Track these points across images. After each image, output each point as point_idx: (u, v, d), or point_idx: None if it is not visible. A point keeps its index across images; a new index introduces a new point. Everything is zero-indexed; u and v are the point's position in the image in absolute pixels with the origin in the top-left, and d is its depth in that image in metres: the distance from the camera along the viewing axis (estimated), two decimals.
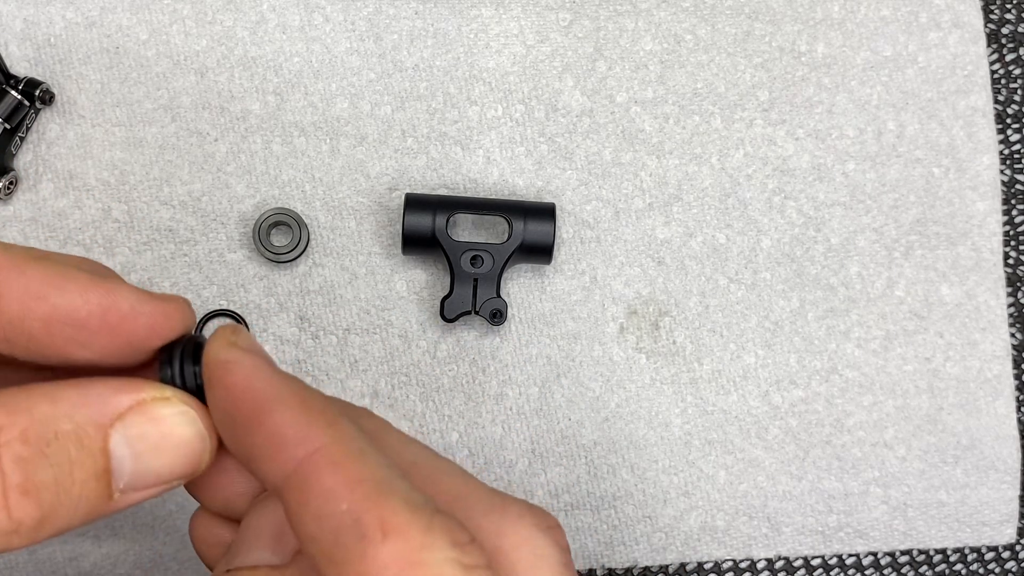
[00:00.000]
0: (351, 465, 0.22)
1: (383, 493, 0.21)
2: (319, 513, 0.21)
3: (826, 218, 0.45)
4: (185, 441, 0.23)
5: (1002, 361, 0.46)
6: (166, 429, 0.23)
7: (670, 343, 0.44)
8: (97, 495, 0.22)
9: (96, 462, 0.22)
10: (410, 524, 0.21)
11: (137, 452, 0.22)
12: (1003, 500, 0.45)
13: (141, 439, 0.23)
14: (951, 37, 0.47)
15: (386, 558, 0.20)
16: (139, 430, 0.22)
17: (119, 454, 0.22)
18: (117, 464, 0.22)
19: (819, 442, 0.44)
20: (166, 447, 0.23)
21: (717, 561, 0.44)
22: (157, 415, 0.23)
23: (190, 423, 0.23)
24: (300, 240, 0.41)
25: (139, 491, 0.23)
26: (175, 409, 0.23)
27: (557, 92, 0.44)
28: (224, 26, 0.43)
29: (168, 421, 0.23)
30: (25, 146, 0.42)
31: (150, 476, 0.23)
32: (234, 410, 0.23)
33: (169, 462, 0.23)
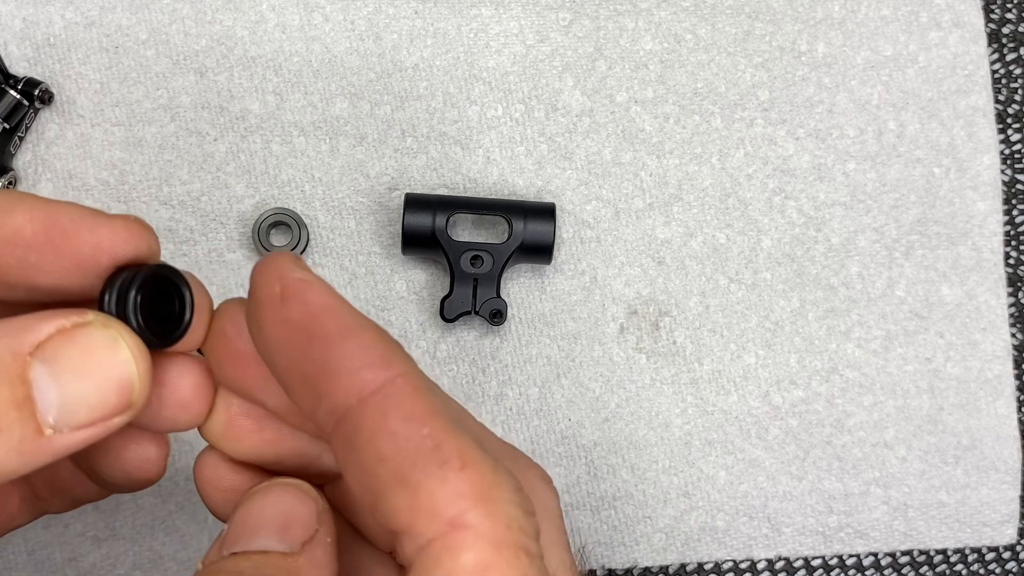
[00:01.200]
0: (431, 396, 0.22)
1: (459, 427, 0.22)
2: (399, 433, 0.21)
3: (826, 218, 0.45)
4: (109, 364, 0.22)
5: (1003, 361, 0.46)
6: (88, 352, 0.22)
7: (670, 343, 0.44)
8: (22, 427, 0.21)
9: (15, 389, 0.21)
10: (483, 461, 0.21)
11: (59, 379, 0.21)
12: (1004, 500, 0.45)
13: (63, 365, 0.22)
14: (952, 37, 0.47)
15: (463, 486, 0.21)
16: (61, 356, 0.22)
17: (41, 382, 0.21)
18: (40, 393, 0.21)
19: (819, 442, 0.44)
20: (89, 372, 0.22)
21: (717, 562, 0.44)
22: (79, 340, 0.22)
23: (111, 342, 0.22)
24: (300, 240, 0.41)
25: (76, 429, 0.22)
26: (98, 333, 0.22)
27: (557, 92, 0.44)
28: (223, 26, 0.43)
29: (90, 344, 0.22)
30: (24, 146, 0.41)
31: (80, 407, 0.22)
32: (314, 326, 0.22)
33: (95, 388, 0.22)
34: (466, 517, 0.21)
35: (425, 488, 0.21)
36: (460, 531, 0.21)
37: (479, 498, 0.21)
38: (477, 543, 0.21)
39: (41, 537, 0.40)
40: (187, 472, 0.41)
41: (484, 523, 0.21)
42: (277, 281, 0.23)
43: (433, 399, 0.22)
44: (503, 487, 0.21)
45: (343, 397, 0.22)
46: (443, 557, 0.20)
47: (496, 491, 0.21)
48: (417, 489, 0.21)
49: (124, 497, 0.41)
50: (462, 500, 0.21)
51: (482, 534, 0.21)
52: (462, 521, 0.21)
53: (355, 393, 0.22)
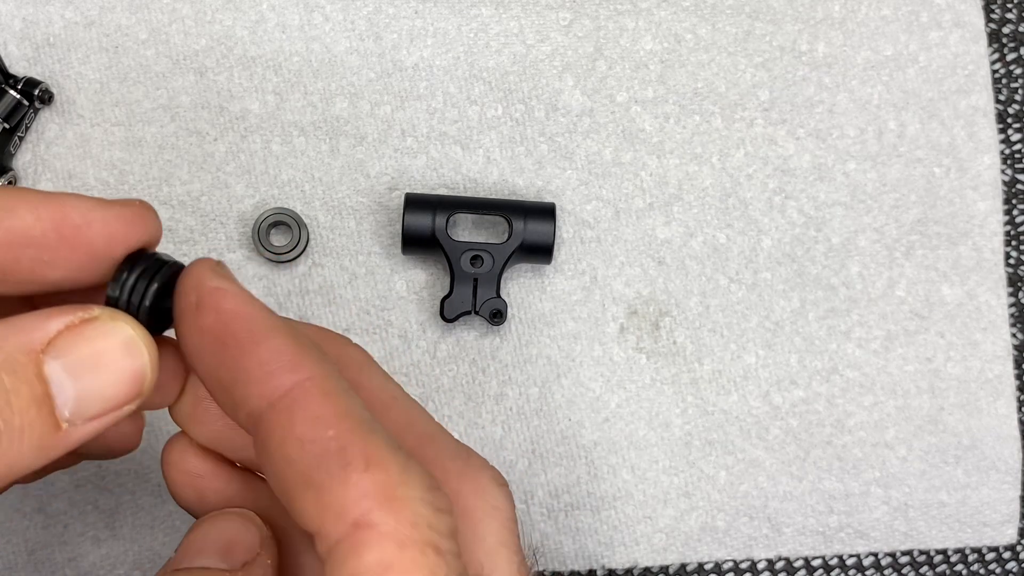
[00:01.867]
0: (340, 398, 0.22)
1: (368, 429, 0.22)
2: (305, 437, 0.21)
3: (827, 218, 0.45)
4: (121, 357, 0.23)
5: (1003, 361, 0.46)
6: (100, 347, 0.22)
7: (670, 343, 0.44)
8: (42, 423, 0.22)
9: (33, 388, 0.21)
10: (391, 461, 0.22)
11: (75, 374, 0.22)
12: (1004, 500, 0.45)
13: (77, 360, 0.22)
14: (952, 36, 0.47)
15: (367, 487, 0.21)
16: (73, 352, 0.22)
17: (57, 378, 0.22)
18: (57, 389, 0.22)
19: (820, 442, 0.44)
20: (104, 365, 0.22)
21: (718, 562, 0.44)
22: (89, 335, 0.22)
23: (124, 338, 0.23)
24: (300, 240, 0.41)
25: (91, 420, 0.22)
26: (107, 327, 0.23)
27: (557, 92, 0.44)
28: (223, 25, 0.43)
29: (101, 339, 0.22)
30: (24, 146, 0.41)
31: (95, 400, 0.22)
32: (226, 334, 0.22)
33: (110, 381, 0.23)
34: (370, 517, 0.21)
35: (330, 490, 0.21)
36: (364, 531, 0.21)
37: (383, 498, 0.21)
38: (380, 542, 0.21)
39: (41, 537, 0.40)
40: None
41: (388, 522, 0.21)
42: (193, 290, 0.23)
43: (343, 401, 0.22)
44: (410, 485, 0.21)
45: (255, 403, 0.22)
46: (348, 557, 0.21)
47: (402, 490, 0.21)
48: (322, 491, 0.21)
49: (124, 497, 0.41)
50: (365, 500, 0.21)
51: (386, 533, 0.21)
52: (366, 521, 0.21)
53: (265, 398, 0.22)
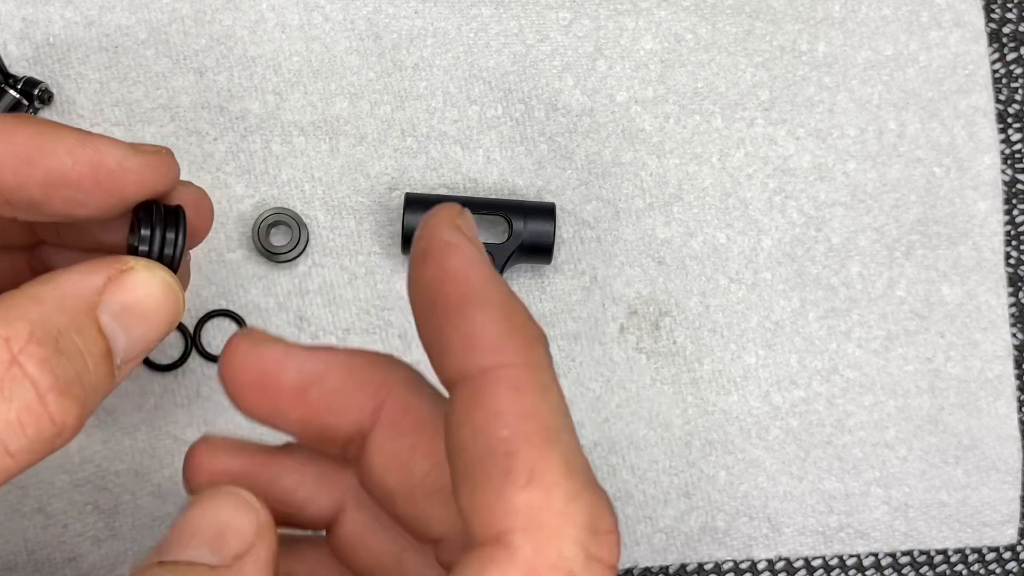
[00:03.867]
0: (531, 396, 0.20)
1: (549, 439, 0.20)
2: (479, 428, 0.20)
3: (827, 218, 0.45)
4: (163, 303, 0.24)
5: (1003, 361, 0.46)
6: (142, 294, 0.24)
7: (670, 343, 0.44)
8: (107, 375, 0.23)
9: (100, 345, 0.23)
10: (558, 483, 0.20)
11: (125, 324, 0.23)
12: (1004, 500, 0.45)
13: (125, 312, 0.24)
14: (952, 36, 0.47)
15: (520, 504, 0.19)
16: (119, 304, 0.23)
17: (111, 330, 0.23)
18: (112, 341, 0.23)
19: (820, 442, 0.44)
20: (147, 311, 0.24)
21: (718, 562, 0.44)
22: (130, 285, 0.24)
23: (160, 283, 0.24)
24: (299, 240, 0.41)
25: (131, 361, 0.24)
26: (143, 275, 0.24)
27: (557, 92, 0.44)
28: (223, 25, 0.43)
29: (141, 288, 0.24)
30: None
31: (140, 343, 0.24)
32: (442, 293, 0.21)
33: (154, 325, 0.24)
34: (511, 537, 0.19)
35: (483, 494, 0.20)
36: (500, 549, 0.19)
37: (532, 523, 0.19)
38: (509, 568, 0.19)
39: (41, 537, 0.40)
40: None
41: (526, 550, 0.19)
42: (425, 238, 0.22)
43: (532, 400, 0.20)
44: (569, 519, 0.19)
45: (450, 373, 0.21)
46: (474, 568, 0.19)
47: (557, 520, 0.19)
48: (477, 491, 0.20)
49: (124, 497, 0.41)
50: (513, 519, 0.19)
51: (518, 561, 0.19)
52: (507, 540, 0.19)
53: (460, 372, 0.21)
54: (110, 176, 0.24)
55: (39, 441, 0.21)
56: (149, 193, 0.25)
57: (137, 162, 0.25)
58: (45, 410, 0.21)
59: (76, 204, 0.24)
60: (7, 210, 0.25)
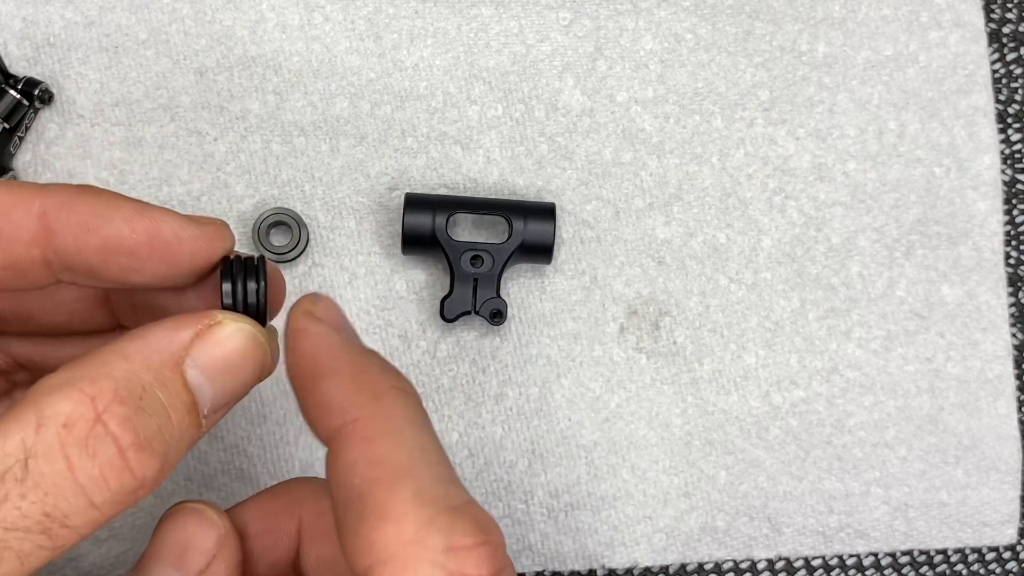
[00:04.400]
0: (379, 443, 0.23)
1: (398, 478, 0.22)
2: (339, 481, 0.23)
3: (827, 218, 0.45)
4: (249, 354, 0.25)
5: (1003, 361, 0.46)
6: (228, 348, 0.24)
7: (670, 343, 0.44)
8: (193, 427, 0.24)
9: (184, 399, 0.23)
10: (407, 515, 0.22)
11: (211, 377, 0.24)
12: (1004, 500, 0.45)
13: (211, 365, 0.24)
14: (952, 36, 0.47)
15: (376, 541, 0.21)
16: (206, 358, 0.24)
17: (197, 384, 0.24)
18: (199, 394, 0.24)
19: (820, 442, 0.44)
20: (234, 364, 0.25)
21: (718, 562, 0.44)
22: (217, 339, 0.24)
23: (247, 336, 0.25)
24: (300, 240, 0.41)
25: (219, 411, 0.25)
26: (230, 328, 0.25)
27: (557, 92, 0.44)
28: (223, 25, 0.43)
29: (228, 341, 0.25)
30: (24, 146, 0.41)
31: (227, 394, 0.25)
32: (298, 375, 0.25)
33: (240, 376, 0.25)
34: (373, 572, 0.21)
35: (348, 536, 0.22)
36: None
37: (388, 555, 0.21)
38: None
39: None
40: (187, 472, 0.41)
41: None
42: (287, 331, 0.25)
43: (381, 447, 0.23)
44: (422, 545, 0.21)
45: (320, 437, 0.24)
46: None
47: (411, 549, 0.21)
48: (343, 536, 0.22)
49: None
50: (371, 555, 0.21)
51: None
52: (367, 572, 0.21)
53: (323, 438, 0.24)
54: (165, 245, 0.25)
55: (122, 494, 0.22)
56: (204, 263, 0.26)
57: (192, 232, 0.26)
58: (126, 465, 0.22)
59: (132, 271, 0.25)
60: (67, 275, 0.26)
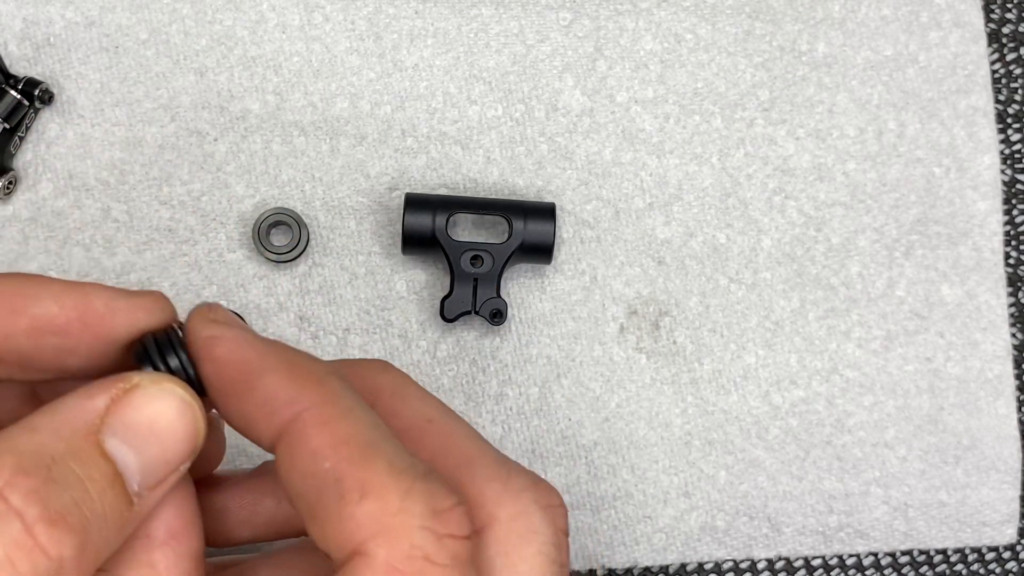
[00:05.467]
0: (338, 425, 0.22)
1: (367, 454, 0.22)
2: (304, 471, 0.22)
3: (827, 218, 0.45)
4: (175, 418, 0.22)
5: (1003, 361, 0.46)
6: (152, 412, 0.22)
7: (670, 343, 0.44)
8: (119, 503, 0.21)
9: (103, 470, 0.21)
10: (388, 487, 0.21)
11: (135, 446, 0.22)
12: (1004, 500, 0.45)
13: (133, 431, 0.22)
14: (952, 36, 0.47)
15: (361, 518, 0.21)
16: (126, 423, 0.22)
17: (119, 454, 0.21)
18: (123, 465, 0.21)
19: (820, 442, 0.44)
20: (160, 430, 0.22)
21: (717, 561, 0.44)
22: (138, 403, 0.22)
23: (170, 397, 0.22)
24: (300, 240, 0.41)
25: (156, 487, 0.22)
26: (152, 390, 0.22)
27: (557, 92, 0.44)
28: (224, 25, 0.43)
29: (150, 405, 0.22)
30: (24, 146, 0.42)
31: (158, 465, 0.22)
32: (225, 381, 0.23)
33: (170, 444, 0.22)
34: (366, 547, 0.21)
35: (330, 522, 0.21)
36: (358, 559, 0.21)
37: (378, 528, 0.21)
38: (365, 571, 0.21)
39: None
40: None
41: (381, 552, 0.21)
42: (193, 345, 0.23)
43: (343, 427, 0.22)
44: (409, 513, 0.21)
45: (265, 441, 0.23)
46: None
47: (400, 518, 0.21)
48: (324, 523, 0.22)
49: None
50: (360, 531, 0.21)
51: (377, 564, 0.21)
52: (363, 550, 0.21)
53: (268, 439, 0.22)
54: (98, 318, 0.23)
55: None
56: (139, 333, 0.24)
57: (127, 303, 0.24)
58: (35, 543, 0.19)
59: (66, 352, 0.23)
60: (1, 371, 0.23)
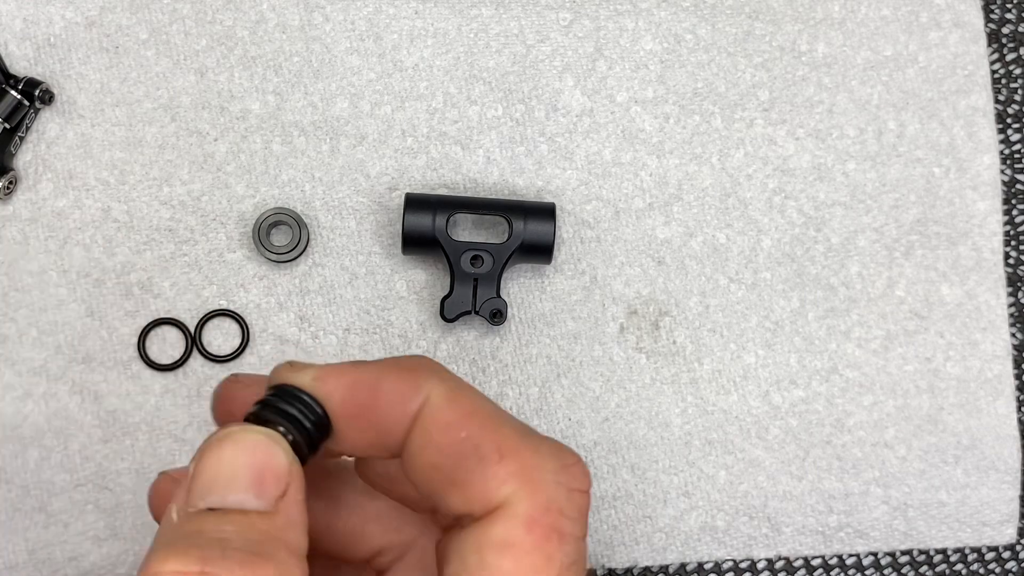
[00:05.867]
0: (463, 400, 0.24)
1: (496, 422, 0.24)
2: (441, 445, 0.24)
3: (826, 218, 0.45)
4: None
5: (1002, 361, 0.46)
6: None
7: (670, 343, 0.44)
8: None
9: None
10: (521, 447, 0.24)
11: None
12: (1003, 500, 0.45)
13: None
14: (952, 37, 0.47)
15: (505, 475, 0.23)
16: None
17: None
18: None
19: (819, 442, 0.44)
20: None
21: (717, 561, 0.44)
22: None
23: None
24: (300, 240, 0.41)
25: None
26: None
27: (557, 92, 0.44)
28: (224, 26, 0.43)
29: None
30: (25, 146, 0.42)
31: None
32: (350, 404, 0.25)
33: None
34: (508, 500, 0.23)
35: (472, 484, 0.24)
36: (500, 511, 0.23)
37: (521, 480, 0.23)
38: (509, 520, 0.23)
39: (41, 537, 0.40)
40: None
41: (522, 502, 0.23)
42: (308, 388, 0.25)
43: (468, 403, 0.24)
44: (543, 468, 0.24)
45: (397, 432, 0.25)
46: (478, 529, 0.23)
47: (536, 473, 0.24)
48: (466, 486, 0.24)
49: (124, 497, 0.41)
50: (504, 486, 0.23)
51: (516, 513, 0.23)
52: (504, 500, 0.23)
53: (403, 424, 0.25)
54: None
55: None
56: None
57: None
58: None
59: None
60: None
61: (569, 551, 0.24)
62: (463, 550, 0.24)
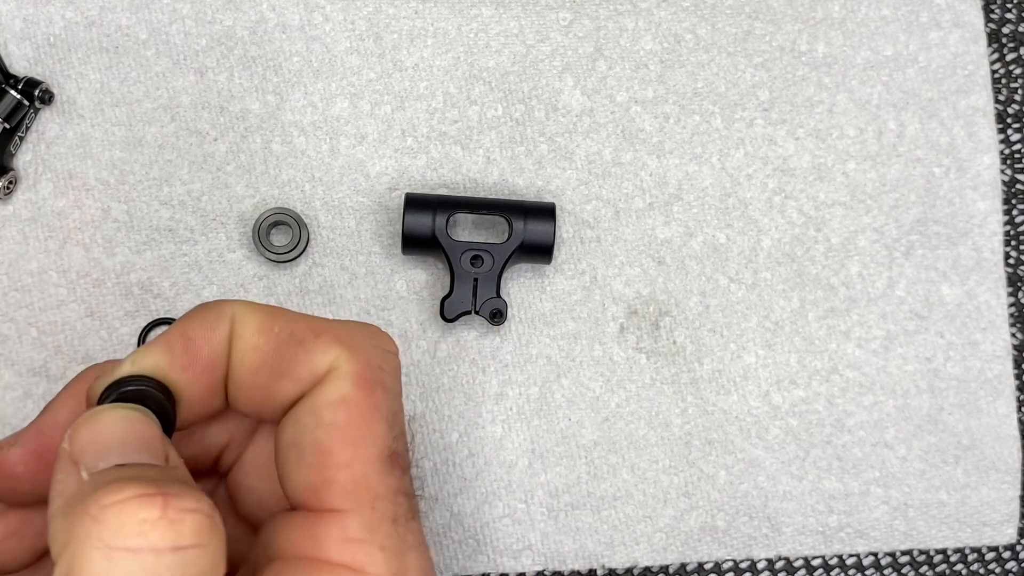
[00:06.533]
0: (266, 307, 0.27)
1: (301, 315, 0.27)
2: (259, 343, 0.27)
3: (826, 218, 0.45)
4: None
5: (1003, 361, 0.46)
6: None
7: (670, 343, 0.44)
8: None
9: None
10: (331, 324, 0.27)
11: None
12: (1004, 500, 0.45)
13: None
14: (952, 36, 0.47)
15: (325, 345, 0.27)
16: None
17: None
18: None
19: (820, 442, 0.44)
20: None
21: (717, 561, 0.44)
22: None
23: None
24: (300, 240, 0.41)
25: None
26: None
27: (557, 92, 0.44)
28: (224, 25, 0.43)
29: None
30: (25, 146, 0.42)
31: None
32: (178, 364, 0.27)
33: None
34: (333, 362, 0.26)
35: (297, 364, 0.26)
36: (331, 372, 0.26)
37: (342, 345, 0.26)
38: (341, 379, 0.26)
39: None
40: None
41: (347, 364, 0.26)
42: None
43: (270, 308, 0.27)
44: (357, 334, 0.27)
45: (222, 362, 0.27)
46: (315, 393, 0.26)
47: (353, 339, 0.27)
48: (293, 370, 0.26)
49: None
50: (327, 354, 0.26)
51: (343, 373, 0.26)
52: (330, 365, 0.26)
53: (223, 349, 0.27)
54: None
55: None
56: None
57: None
58: None
59: None
60: None
61: (392, 401, 0.27)
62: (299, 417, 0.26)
